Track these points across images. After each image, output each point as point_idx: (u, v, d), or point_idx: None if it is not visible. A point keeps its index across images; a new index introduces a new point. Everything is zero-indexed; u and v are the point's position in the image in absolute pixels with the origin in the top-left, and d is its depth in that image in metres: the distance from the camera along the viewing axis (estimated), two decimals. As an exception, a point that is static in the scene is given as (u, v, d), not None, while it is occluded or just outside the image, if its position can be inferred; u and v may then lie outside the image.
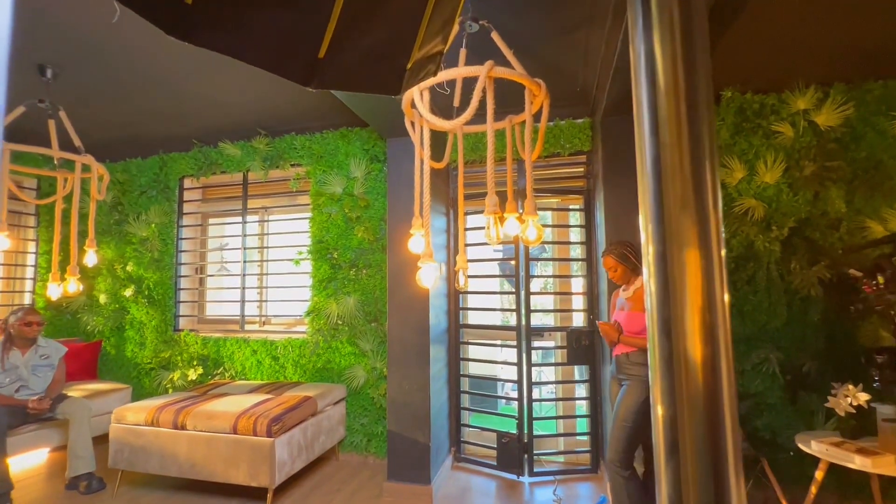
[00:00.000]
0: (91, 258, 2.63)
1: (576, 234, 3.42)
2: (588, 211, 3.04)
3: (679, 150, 0.21)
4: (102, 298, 3.95)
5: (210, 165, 3.74)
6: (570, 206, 3.29)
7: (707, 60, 0.23)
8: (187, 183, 3.90)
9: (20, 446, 2.79)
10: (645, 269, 0.24)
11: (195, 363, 3.63)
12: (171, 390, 3.64)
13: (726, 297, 0.21)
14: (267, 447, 2.46)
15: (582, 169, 3.12)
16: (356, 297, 3.28)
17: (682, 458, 0.20)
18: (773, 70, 2.51)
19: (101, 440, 3.05)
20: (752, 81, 2.64)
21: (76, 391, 3.31)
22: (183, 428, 2.61)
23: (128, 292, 3.85)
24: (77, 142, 2.55)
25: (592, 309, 2.98)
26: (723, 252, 0.22)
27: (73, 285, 2.47)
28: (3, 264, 4.02)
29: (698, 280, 0.21)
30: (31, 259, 4.16)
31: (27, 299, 4.11)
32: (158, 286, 3.80)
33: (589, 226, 3.03)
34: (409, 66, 0.71)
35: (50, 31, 2.22)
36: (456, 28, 0.75)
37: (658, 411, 0.21)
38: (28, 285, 4.13)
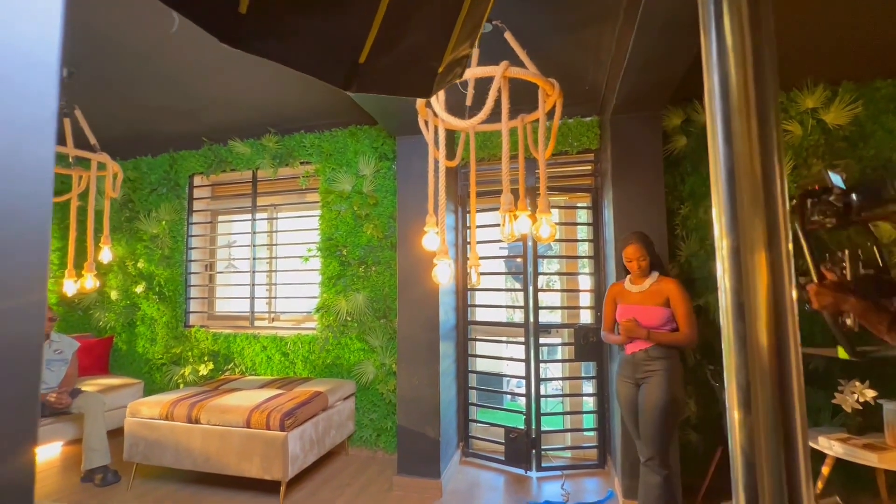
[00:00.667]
0: (106, 255, 2.67)
1: (583, 232, 3.44)
2: (596, 209, 3.06)
3: (749, 147, 0.24)
4: (114, 295, 3.99)
5: (220, 163, 3.78)
6: (578, 204, 3.31)
7: (774, 58, 0.25)
8: (197, 181, 3.94)
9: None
10: (719, 264, 0.26)
11: (206, 359, 3.68)
12: (182, 385, 3.69)
13: (792, 286, 0.24)
14: (280, 441, 2.50)
15: (590, 167, 3.14)
16: (365, 294, 3.32)
17: (755, 417, 0.23)
18: (781, 69, 2.52)
19: (112, 434, 3.10)
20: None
21: (89, 386, 3.36)
22: (197, 422, 2.66)
23: (139, 289, 3.90)
24: (93, 140, 2.59)
25: (600, 306, 3.00)
26: (790, 245, 0.25)
27: (91, 281, 2.51)
28: (15, 261, 4.06)
29: (765, 271, 0.24)
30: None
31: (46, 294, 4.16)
32: (169, 283, 3.85)
33: (596, 224, 3.05)
34: (440, 69, 0.74)
35: (66, 31, 2.25)
36: (481, 29, 0.78)
37: (732, 382, 0.24)
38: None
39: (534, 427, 2.93)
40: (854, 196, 1.07)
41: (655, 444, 1.97)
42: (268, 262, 3.72)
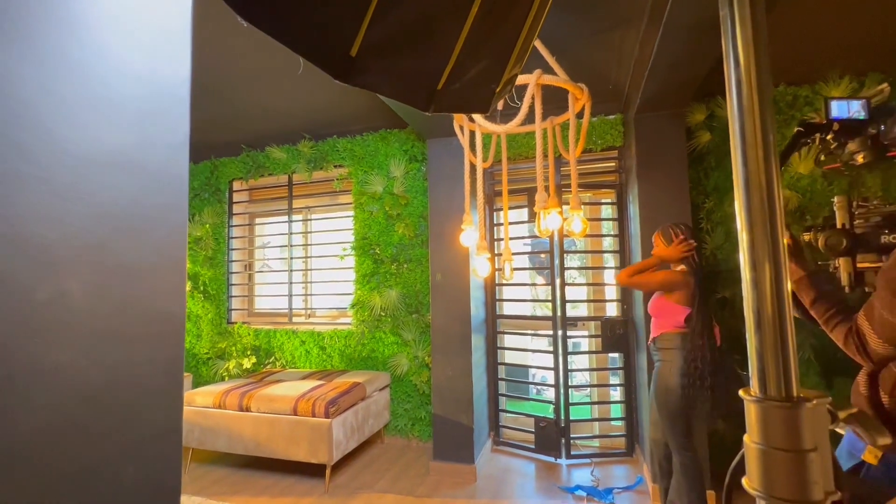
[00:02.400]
0: (163, 256, 2.89)
1: (607, 227, 3.52)
2: (620, 205, 3.14)
3: (758, 173, 0.37)
4: (162, 294, 4.26)
5: (258, 168, 4.00)
6: (602, 201, 3.39)
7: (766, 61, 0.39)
8: (236, 185, 4.17)
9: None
10: (741, 255, 0.40)
11: (248, 353, 3.91)
12: (226, 378, 3.92)
13: (786, 270, 0.37)
14: (325, 427, 2.68)
15: (614, 164, 3.22)
16: (398, 290, 3.48)
17: (763, 334, 0.36)
18: (806, 61, 2.56)
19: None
20: (785, 73, 2.69)
21: (145, 378, 3.62)
22: (247, 410, 2.87)
23: (186, 288, 4.16)
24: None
25: (626, 299, 3.09)
26: (784, 236, 0.38)
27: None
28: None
29: (766, 255, 0.37)
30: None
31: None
32: (212, 282, 4.09)
33: (621, 219, 3.13)
34: (498, 89, 0.88)
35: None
36: (529, 50, 0.91)
37: (750, 317, 0.38)
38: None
39: (563, 416, 3.04)
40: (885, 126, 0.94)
41: (665, 430, 2.08)
42: (303, 261, 3.92)
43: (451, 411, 2.88)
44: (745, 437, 0.37)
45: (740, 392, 0.38)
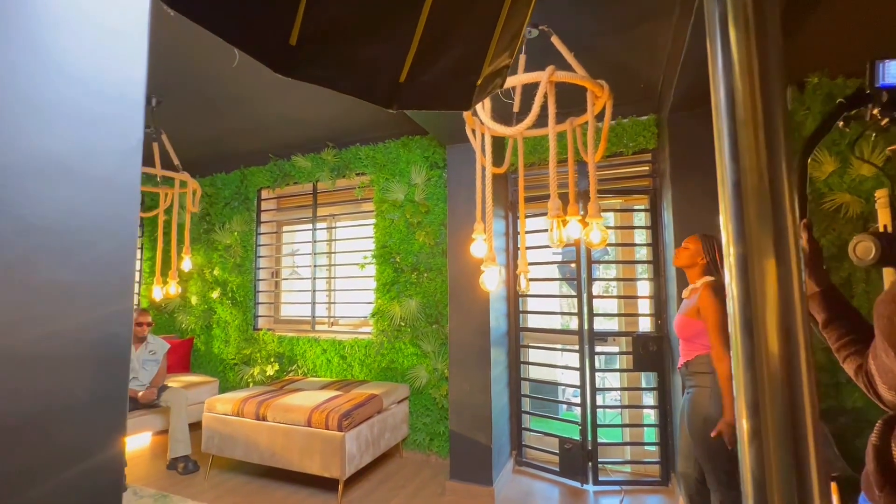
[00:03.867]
0: (187, 264, 2.95)
1: (641, 236, 3.29)
2: (654, 211, 2.92)
3: (756, 154, 0.23)
4: (194, 300, 4.39)
5: (284, 177, 4.05)
6: (635, 207, 3.17)
7: (781, 66, 0.25)
8: (264, 194, 4.25)
9: (129, 429, 3.18)
10: (727, 272, 0.26)
11: (272, 360, 3.93)
12: (251, 384, 3.97)
13: (801, 298, 0.23)
14: (338, 441, 2.61)
15: (647, 168, 3.00)
16: (418, 300, 3.39)
17: (764, 438, 0.22)
18: (865, 51, 2.27)
19: (193, 427, 3.39)
20: (843, 65, 2.40)
21: (174, 382, 3.71)
22: (264, 419, 2.85)
23: (214, 294, 4.26)
24: (176, 161, 2.89)
25: (660, 314, 2.85)
26: (798, 256, 0.24)
27: (174, 287, 2.79)
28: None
29: (775, 283, 0.23)
30: (137, 265, 4.73)
31: (135, 301, 4.68)
32: (240, 289, 4.17)
33: (655, 226, 2.91)
34: (478, 82, 0.76)
35: (154, 64, 2.54)
36: (521, 39, 0.79)
37: (742, 400, 0.24)
38: (136, 288, 4.70)
39: (590, 438, 2.83)
40: None
41: (703, 465, 1.84)
42: (327, 269, 3.92)
43: (468, 429, 2.74)
44: None
45: None
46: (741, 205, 0.24)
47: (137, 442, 3.62)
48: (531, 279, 3.07)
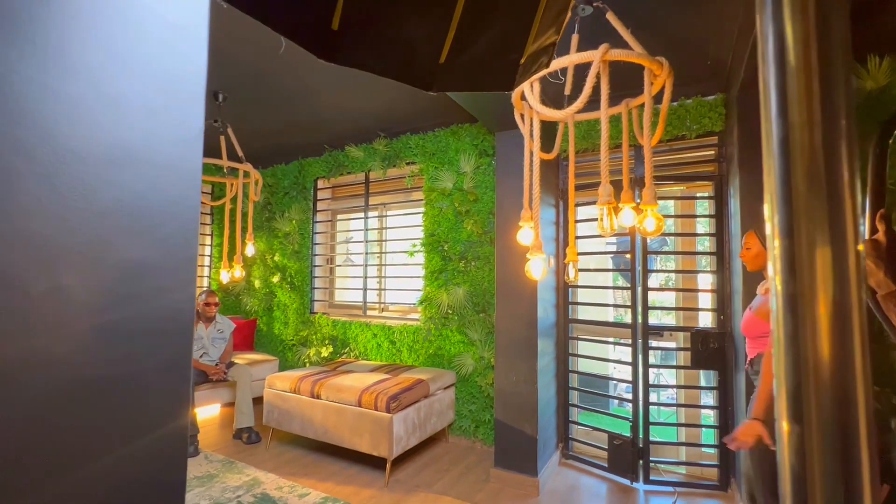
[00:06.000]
0: (250, 249, 3.15)
1: (703, 226, 3.08)
2: (719, 199, 2.71)
3: (808, 106, 0.20)
4: (257, 283, 4.70)
5: (338, 167, 4.19)
6: (697, 195, 2.96)
7: (844, 27, 0.21)
8: (320, 184, 4.42)
9: (201, 400, 3.48)
10: (769, 242, 0.23)
11: (326, 342, 4.13)
12: (307, 364, 4.19)
13: (858, 275, 0.20)
14: (386, 421, 2.70)
15: (712, 152, 2.79)
16: (465, 288, 3.40)
17: (807, 426, 0.20)
18: None
19: (256, 401, 3.65)
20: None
21: (240, 359, 4.01)
22: (318, 397, 3.01)
23: (275, 279, 4.53)
24: (240, 153, 3.07)
25: (723, 309, 2.66)
26: (855, 225, 0.20)
27: (239, 272, 2.99)
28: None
29: (828, 255, 0.20)
30: (207, 250, 5.13)
31: (205, 283, 5.08)
32: (298, 274, 4.39)
33: (720, 216, 2.70)
34: (522, 61, 0.74)
35: (220, 62, 2.71)
36: (568, 14, 0.75)
37: (782, 387, 0.21)
38: (206, 272, 5.10)
39: (641, 436, 2.72)
40: None
41: (752, 476, 1.72)
42: (378, 256, 4.03)
43: (513, 418, 2.73)
44: None
45: None
46: (788, 164, 0.21)
47: (208, 412, 3.95)
48: (582, 270, 2.98)
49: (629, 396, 2.82)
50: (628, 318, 2.88)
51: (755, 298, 1.91)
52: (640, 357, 2.76)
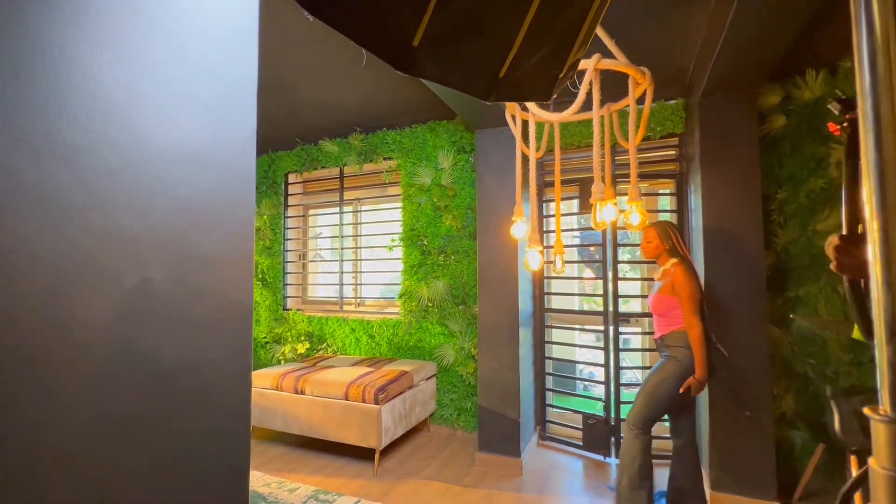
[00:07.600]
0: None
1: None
2: (680, 195, 2.96)
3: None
4: (224, 281, 4.54)
5: (311, 162, 4.14)
6: (660, 192, 3.21)
7: None
8: (291, 178, 4.35)
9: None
10: (870, 251, 0.35)
11: (302, 338, 4.09)
12: (282, 361, 4.13)
13: None
14: (374, 413, 2.76)
15: (674, 152, 3.04)
16: (445, 282, 3.50)
17: None
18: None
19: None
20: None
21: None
22: (302, 393, 3.00)
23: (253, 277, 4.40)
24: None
25: (685, 295, 2.92)
26: None
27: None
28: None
29: None
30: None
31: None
32: (270, 270, 4.30)
33: (681, 210, 2.96)
34: (561, 75, 0.84)
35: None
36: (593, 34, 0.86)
37: (881, 321, 0.33)
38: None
39: (613, 414, 2.94)
40: None
41: (642, 412, 2.16)
42: (353, 251, 4.03)
43: (497, 404, 2.87)
44: (871, 461, 0.32)
45: (865, 410, 0.33)
46: (882, 181, 0.32)
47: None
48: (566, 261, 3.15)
49: (600, 379, 3.04)
50: (597, 307, 3.08)
51: (655, 284, 2.31)
52: (612, 342, 2.97)
